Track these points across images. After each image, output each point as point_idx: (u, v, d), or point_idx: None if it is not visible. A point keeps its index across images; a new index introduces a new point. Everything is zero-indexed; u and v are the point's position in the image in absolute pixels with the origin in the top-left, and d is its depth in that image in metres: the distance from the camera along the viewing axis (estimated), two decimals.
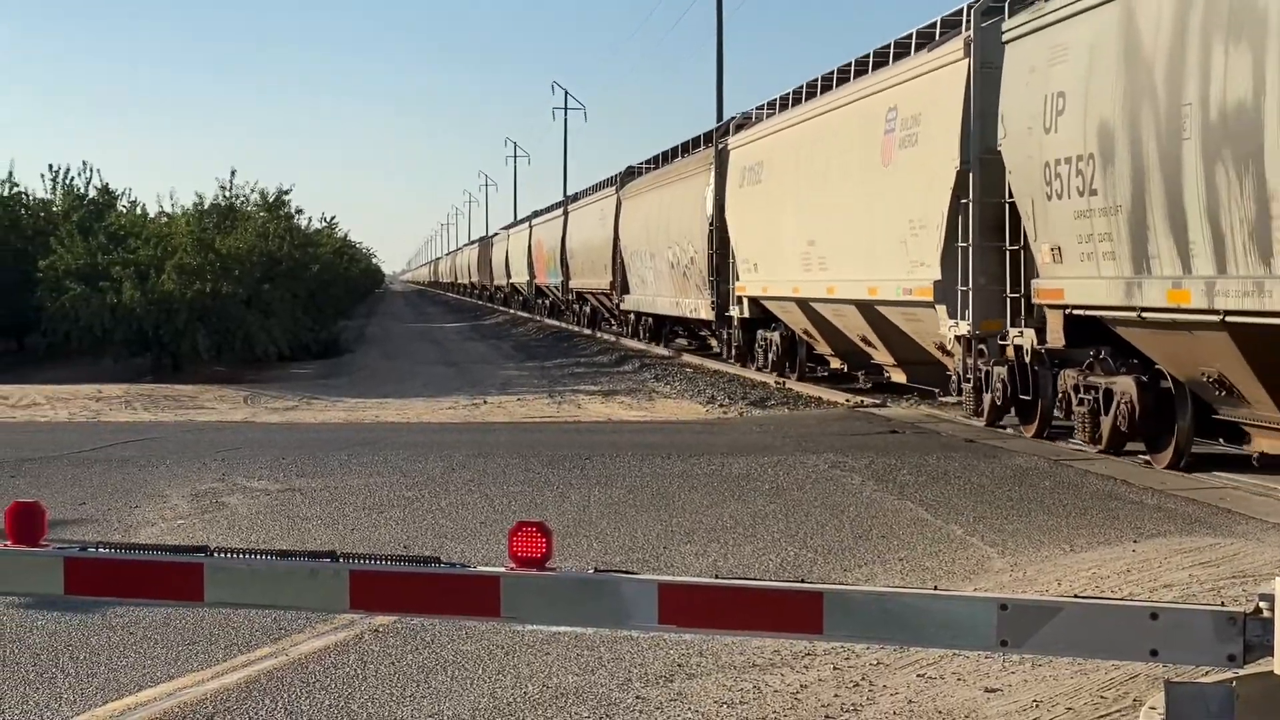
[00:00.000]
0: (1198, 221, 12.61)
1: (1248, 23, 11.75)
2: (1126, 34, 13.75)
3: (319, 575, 4.51)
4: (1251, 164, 11.71)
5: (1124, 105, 13.73)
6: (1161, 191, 13.15)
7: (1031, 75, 15.71)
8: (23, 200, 40.36)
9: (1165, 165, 13.07)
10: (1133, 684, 6.49)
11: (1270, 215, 11.53)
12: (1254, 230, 11.81)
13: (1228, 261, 12.30)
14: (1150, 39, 13.29)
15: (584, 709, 6.62)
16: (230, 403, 24.77)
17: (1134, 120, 13.56)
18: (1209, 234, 12.48)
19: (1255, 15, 11.61)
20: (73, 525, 11.42)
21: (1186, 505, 12.27)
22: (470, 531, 11.35)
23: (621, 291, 41.83)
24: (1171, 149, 12.92)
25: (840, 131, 22.31)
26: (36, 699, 6.85)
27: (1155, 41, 13.19)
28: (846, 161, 21.85)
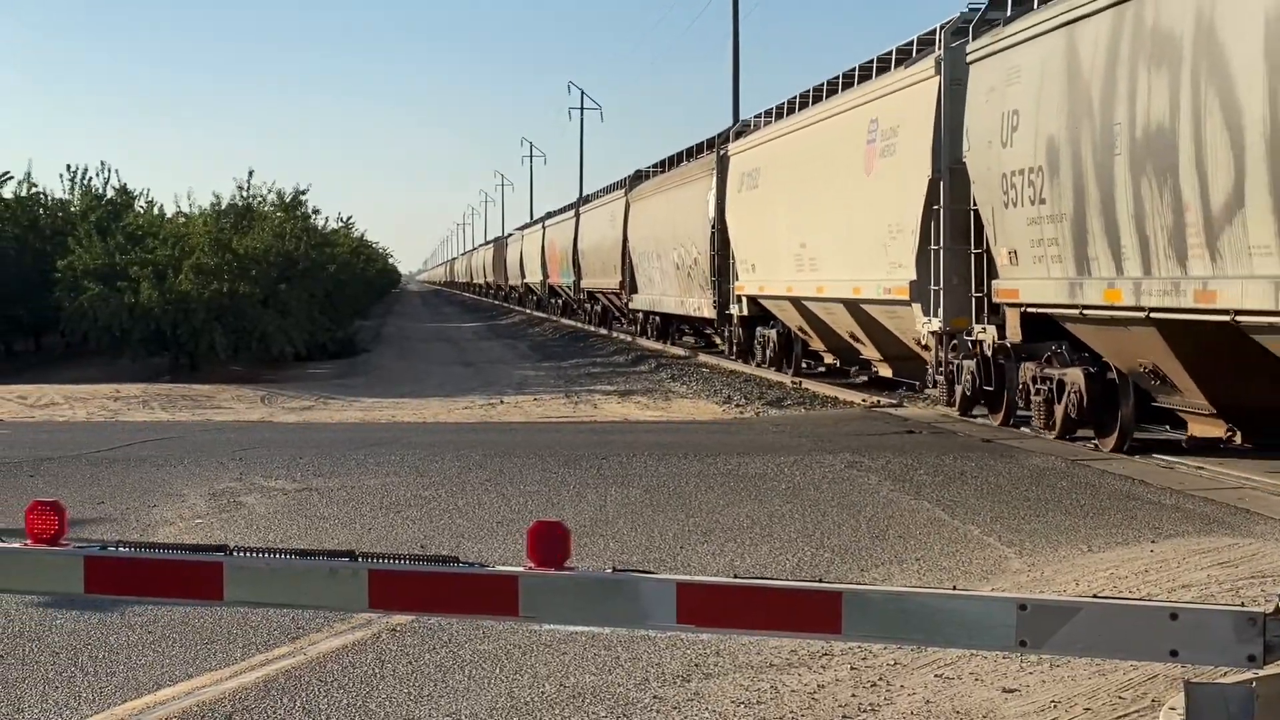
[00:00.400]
0: (1127, 228, 14.06)
1: (1166, 53, 13.17)
2: (1069, 59, 15.14)
3: (338, 575, 4.52)
4: (1169, 177, 13.15)
5: (1067, 123, 15.18)
6: (1098, 201, 14.58)
7: (991, 94, 17.20)
8: (41, 201, 40.49)
9: (1100, 178, 14.50)
10: (1151, 685, 6.48)
11: (1185, 223, 12.98)
12: (1172, 236, 13.25)
13: (1152, 264, 13.75)
14: (1088, 64, 14.68)
15: (601, 709, 6.62)
16: (247, 402, 24.82)
17: (1075, 137, 14.99)
18: (1136, 239, 13.94)
19: (1172, 46, 13.05)
20: (91, 524, 11.45)
21: (1204, 505, 12.24)
22: (487, 531, 11.36)
23: (630, 291, 43.38)
24: (1105, 163, 14.36)
25: (828, 141, 23.69)
26: (56, 698, 6.87)
27: (1092, 66, 14.59)
28: (834, 169, 23.22)
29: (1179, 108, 13.00)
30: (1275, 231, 11.75)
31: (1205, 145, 12.68)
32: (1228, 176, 12.38)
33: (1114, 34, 14.19)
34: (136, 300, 31.60)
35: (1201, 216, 12.80)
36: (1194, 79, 12.79)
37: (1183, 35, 12.95)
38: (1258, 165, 11.91)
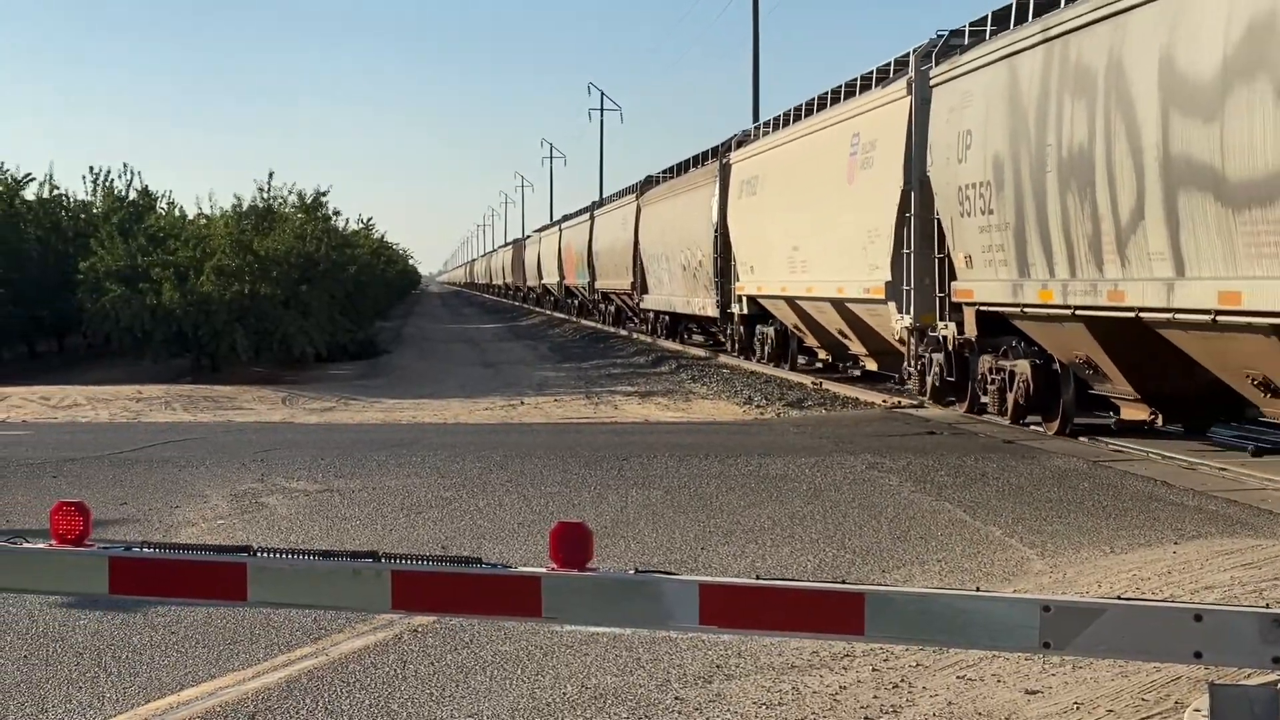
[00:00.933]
0: (1057, 236, 15.98)
1: (1085, 85, 15.16)
2: (1011, 87, 17.12)
3: (361, 575, 4.53)
4: (1089, 192, 15.11)
5: (1009, 143, 17.12)
6: (1034, 212, 16.51)
7: (950, 115, 19.12)
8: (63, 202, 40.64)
9: (1036, 192, 16.43)
10: (1174, 686, 6.46)
11: (1101, 232, 14.94)
12: (1091, 243, 15.19)
13: (1076, 267, 15.66)
14: (1026, 92, 16.65)
15: (623, 710, 6.62)
16: (269, 403, 24.87)
17: (1016, 155, 16.95)
18: (1064, 246, 15.84)
19: (1090, 80, 15.06)
20: (115, 525, 11.49)
21: (1227, 507, 12.20)
22: (508, 532, 11.37)
23: (641, 291, 45.11)
24: (1039, 179, 16.31)
25: (817, 152, 25.61)
26: (79, 698, 6.89)
27: (1029, 94, 16.57)
28: (822, 178, 25.09)
29: (1095, 132, 14.94)
30: (1168, 240, 13.64)
31: (1115, 165, 14.56)
32: (1132, 193, 14.23)
33: (1045, 66, 16.16)
34: (158, 301, 31.70)
35: (1113, 226, 14.68)
36: (1106, 108, 14.69)
37: (1098, 70, 14.86)
38: (1154, 184, 13.79)
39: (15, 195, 38.45)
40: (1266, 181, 12.05)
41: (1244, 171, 12.37)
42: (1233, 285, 12.76)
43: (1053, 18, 16.08)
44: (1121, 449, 16.10)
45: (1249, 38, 12.29)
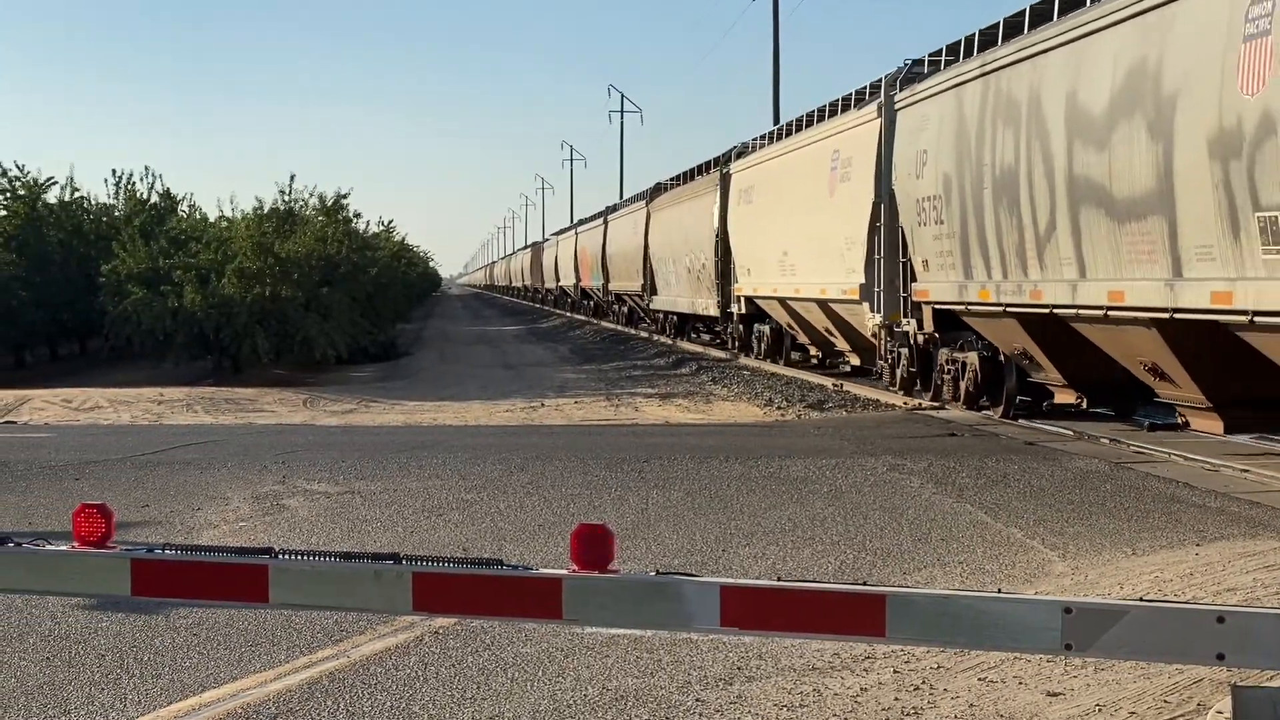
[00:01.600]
0: (992, 243, 18.36)
1: (1012, 114, 17.63)
2: (957, 113, 19.51)
3: (383, 577, 4.54)
4: (1015, 207, 17.51)
5: (956, 162, 19.48)
6: (975, 222, 18.88)
7: (910, 135, 21.59)
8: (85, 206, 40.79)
9: (976, 205, 18.81)
10: (1197, 688, 6.44)
11: (1025, 240, 17.38)
12: (1018, 250, 17.57)
13: (1007, 270, 18.03)
14: (969, 118, 19.06)
15: (644, 712, 6.62)
16: (290, 405, 24.93)
17: (961, 173, 19.31)
18: (998, 252, 18.24)
19: (1016, 110, 17.50)
20: (136, 527, 11.52)
21: (1250, 508, 12.16)
22: (529, 534, 11.38)
23: (650, 293, 47.59)
24: (978, 194, 18.70)
25: (804, 165, 28.16)
26: (102, 699, 6.91)
27: (971, 120, 18.97)
28: (808, 189, 27.62)
29: (1020, 155, 17.33)
30: (1073, 248, 16.05)
31: (1034, 184, 16.94)
32: (1046, 208, 16.65)
33: (983, 97, 18.54)
34: (180, 304, 31.81)
35: (1034, 235, 17.08)
36: (1028, 135, 17.08)
37: (1022, 102, 17.26)
38: (1063, 201, 16.18)
39: (38, 199, 38.61)
40: (1141, 200, 14.43)
41: (1125, 192, 14.73)
42: (1118, 285, 15.12)
43: (990, 54, 18.46)
44: (1143, 450, 16.06)
45: (1128, 82, 14.59)
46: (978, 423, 19.53)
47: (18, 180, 38.37)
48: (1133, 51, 14.51)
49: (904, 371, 23.27)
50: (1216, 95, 12.94)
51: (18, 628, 8.30)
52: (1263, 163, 12.22)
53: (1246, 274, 12.73)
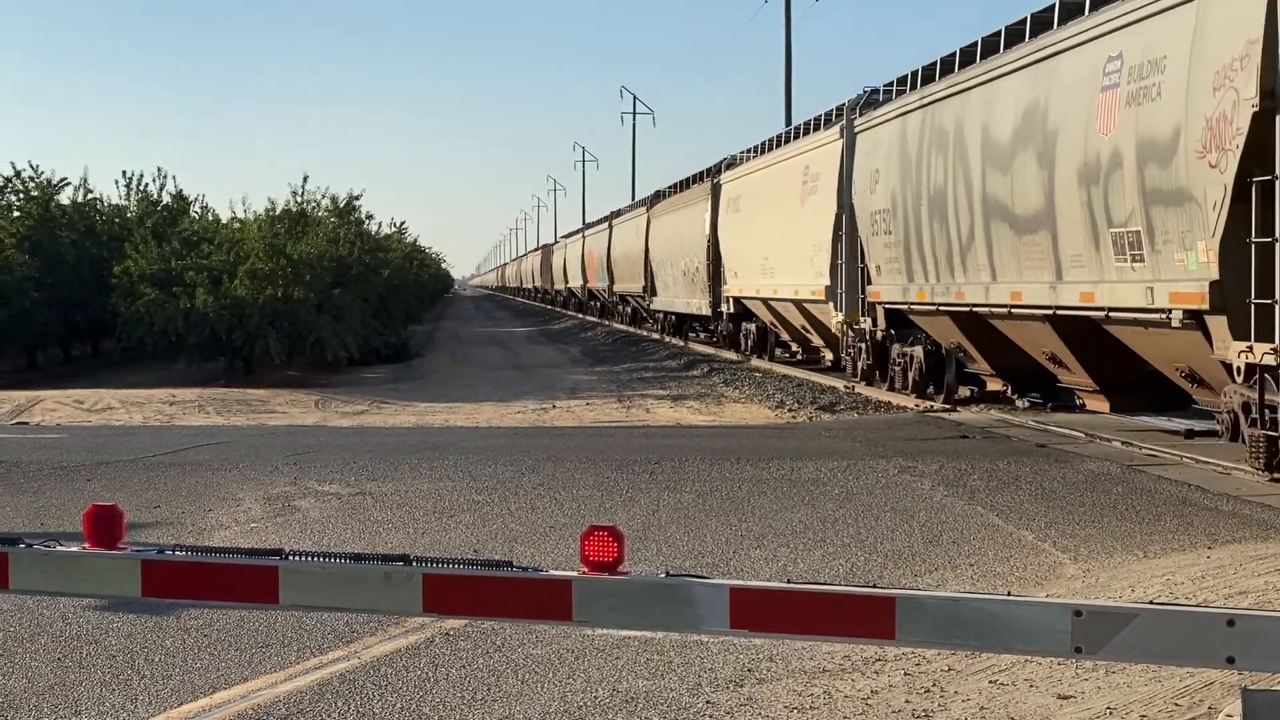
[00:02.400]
0: (929, 252, 21.40)
1: (942, 142, 20.76)
2: (902, 138, 22.66)
3: (393, 578, 4.54)
4: (945, 221, 20.69)
5: (901, 181, 22.65)
6: (915, 234, 22.01)
7: (866, 156, 24.80)
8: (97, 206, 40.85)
9: (915, 219, 21.99)
10: (1208, 691, 6.43)
11: (951, 249, 20.38)
12: (947, 258, 20.69)
13: (940, 275, 21.05)
14: (911, 143, 22.21)
15: (654, 713, 6.62)
16: (301, 406, 24.96)
17: (904, 191, 22.43)
18: (933, 259, 21.26)
19: (944, 139, 20.59)
20: (148, 528, 11.54)
21: (1262, 511, 12.13)
22: (540, 535, 11.38)
23: (651, 294, 50.39)
24: (917, 209, 21.86)
25: (781, 179, 31.46)
26: (113, 700, 6.93)
27: (913, 145, 22.11)
28: (784, 200, 30.84)
29: (947, 177, 20.48)
30: (987, 256, 19.17)
31: (958, 202, 20.09)
32: (967, 222, 19.80)
33: (922, 125, 21.71)
34: (192, 305, 31.85)
35: (958, 245, 20.18)
36: (953, 159, 20.23)
37: (950, 132, 20.40)
38: (979, 216, 19.32)
39: (50, 199, 38.66)
40: (1033, 217, 17.56)
41: (1023, 209, 17.90)
42: (1018, 287, 18.20)
43: (928, 89, 21.61)
44: (1155, 453, 16.03)
45: (1024, 119, 17.74)
46: (989, 425, 19.51)
47: (31, 181, 38.44)
48: (1028, 94, 17.72)
49: (864, 364, 26.12)
50: (1084, 133, 15.98)
51: (29, 628, 8.32)
52: (1114, 189, 15.31)
53: (1105, 278, 15.79)
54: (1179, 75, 13.97)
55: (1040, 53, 17.43)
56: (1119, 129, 15.15)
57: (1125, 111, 15.02)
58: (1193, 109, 13.66)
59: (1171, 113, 14.09)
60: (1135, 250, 15.02)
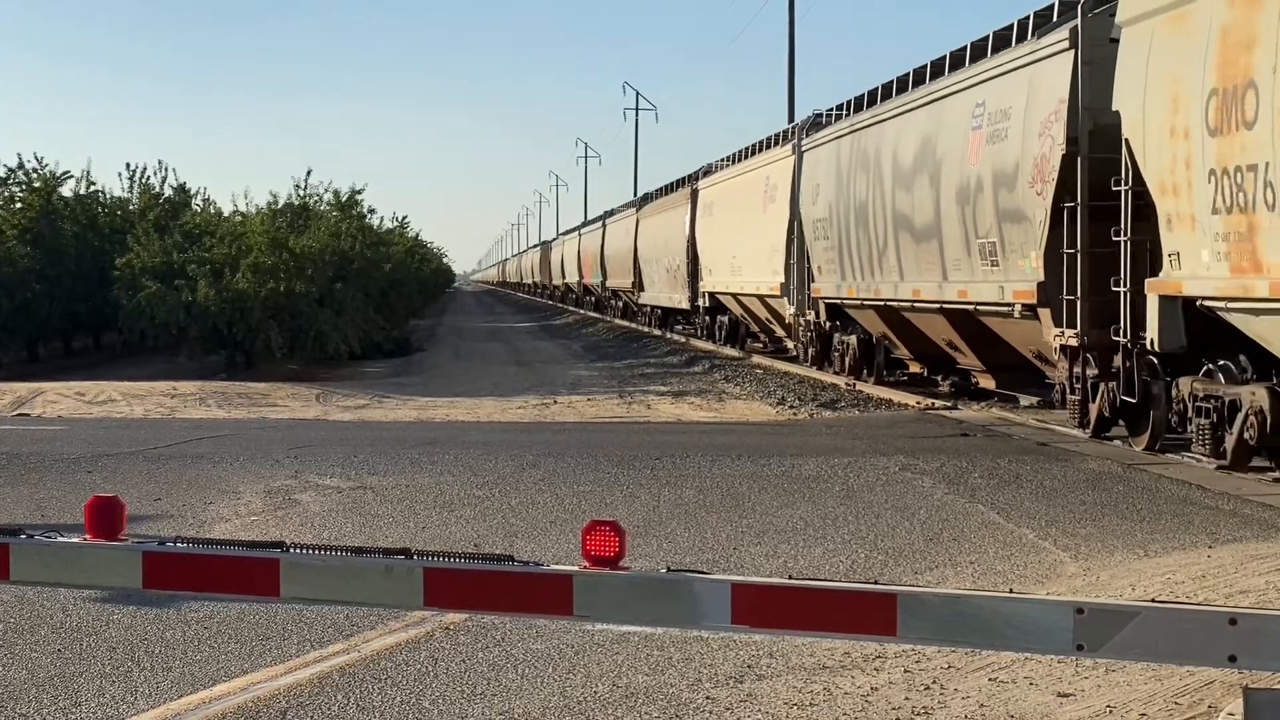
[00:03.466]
0: (856, 255, 25.25)
1: (865, 163, 24.75)
2: (837, 158, 26.58)
3: (394, 572, 4.54)
4: (867, 230, 24.50)
5: (835, 195, 26.51)
6: (845, 240, 25.84)
7: (811, 171, 28.84)
8: (99, 199, 40.83)
9: (845, 227, 25.80)
10: (1208, 690, 6.43)
11: (871, 253, 24.37)
12: (868, 260, 24.63)
13: (865, 274, 24.87)
14: (843, 163, 26.10)
15: (654, 709, 6.62)
16: (302, 400, 24.96)
17: (838, 203, 26.29)
18: (858, 261, 25.17)
19: (867, 160, 24.60)
20: (148, 521, 11.54)
21: (1263, 511, 12.12)
22: (541, 530, 11.39)
23: (639, 290, 54.04)
24: (847, 219, 25.65)
25: (747, 187, 35.38)
26: (112, 692, 6.93)
27: (844, 164, 26.02)
28: (749, 206, 34.74)
29: (868, 193, 24.38)
30: (896, 260, 23.05)
31: (875, 214, 23.97)
32: (881, 231, 23.71)
33: (851, 148, 25.64)
34: (194, 298, 31.83)
35: (877, 250, 24.04)
36: (873, 179, 24.16)
37: (870, 155, 24.40)
38: (890, 227, 23.21)
39: (53, 192, 38.65)
40: (927, 228, 21.45)
41: (919, 222, 21.80)
42: (917, 285, 22.04)
43: (856, 117, 25.75)
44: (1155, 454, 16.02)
45: (922, 148, 21.67)
46: (990, 423, 19.51)
47: (34, 173, 38.43)
48: (925, 128, 21.66)
49: (813, 351, 30.19)
50: (960, 163, 19.98)
51: (29, 619, 8.33)
52: (979, 208, 19.27)
53: (974, 279, 19.68)
54: (1019, 122, 17.98)
55: (933, 95, 21.42)
56: (981, 161, 19.14)
57: (986, 148, 19.03)
58: (1026, 149, 17.66)
59: (1014, 151, 18.05)
60: (993, 257, 18.94)
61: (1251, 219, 12.33)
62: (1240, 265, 12.63)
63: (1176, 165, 13.66)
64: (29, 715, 6.58)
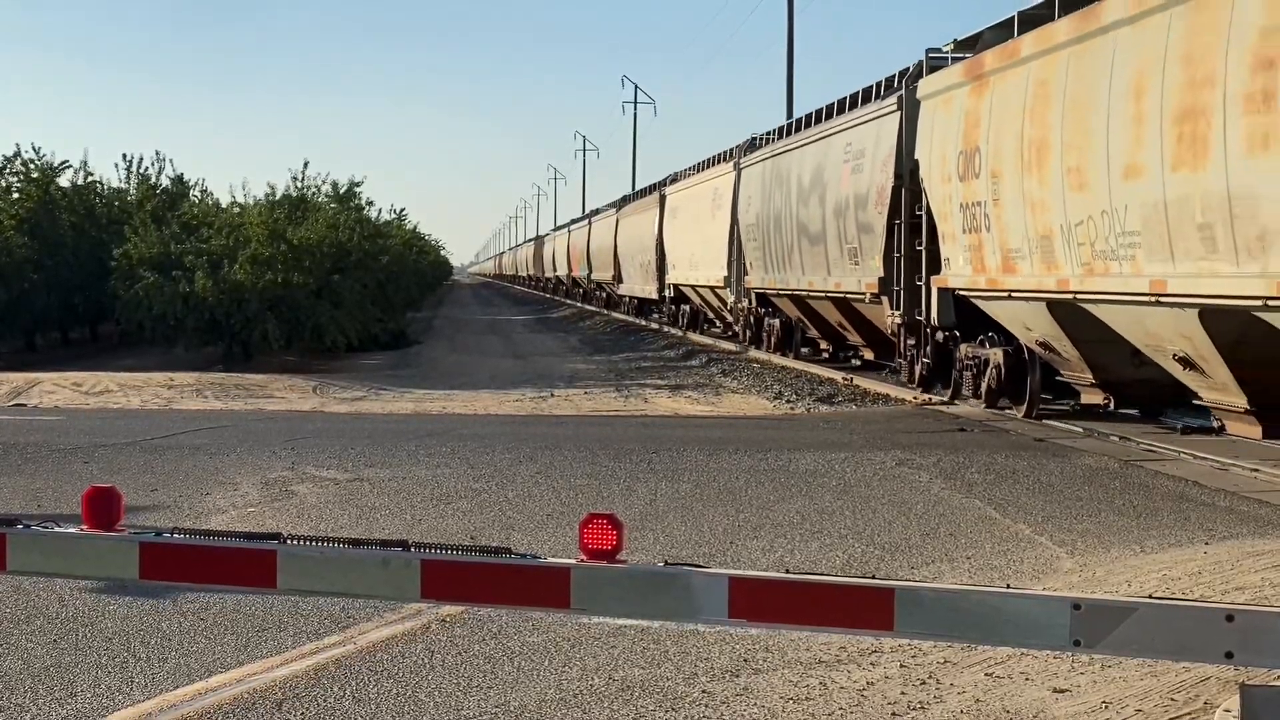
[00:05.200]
0: (775, 253, 30.89)
1: (782, 181, 30.46)
2: (763, 176, 32.65)
3: (391, 564, 4.54)
4: (781, 233, 30.33)
5: (761, 206, 32.62)
6: (767, 243, 31.88)
7: (746, 186, 34.90)
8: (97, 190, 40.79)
9: (767, 233, 31.79)
10: (1203, 687, 6.43)
11: (786, 253, 29.89)
12: (783, 257, 30.14)
13: (780, 269, 30.56)
14: (767, 181, 32.12)
15: (650, 702, 6.62)
16: (299, 392, 24.95)
17: (763, 213, 32.33)
18: (775, 260, 31.04)
19: (784, 179, 30.25)
20: (145, 511, 11.54)
21: (1259, 508, 12.13)
22: (537, 523, 11.38)
23: (619, 282, 60.20)
24: (769, 225, 31.52)
25: (699, 197, 41.71)
26: (108, 682, 6.92)
27: (768, 182, 32.01)
28: (701, 213, 41.11)
29: (783, 205, 30.37)
30: (799, 259, 28.74)
31: (787, 222, 29.93)
32: (790, 237, 29.50)
33: (773, 169, 31.78)
34: (191, 289, 31.81)
35: (788, 250, 29.83)
36: (785, 194, 30.01)
37: (784, 175, 30.40)
38: (796, 234, 28.96)
39: (50, 182, 38.62)
40: (817, 235, 27.35)
41: (812, 230, 27.70)
42: (813, 278, 28.06)
43: (777, 144, 32.05)
44: (1152, 449, 16.04)
45: (815, 172, 27.80)
46: (988, 419, 19.51)
47: (31, 164, 38.39)
48: (817, 158, 27.90)
49: (749, 334, 35.87)
50: (837, 187, 26.19)
51: (25, 610, 8.32)
52: (847, 222, 25.37)
53: (845, 274, 25.72)
54: (870, 160, 24.36)
55: (823, 134, 27.81)
56: (849, 187, 25.51)
57: (851, 177, 25.38)
58: (873, 180, 24.09)
59: (867, 181, 24.47)
60: (855, 258, 25.08)
61: (981, 237, 18.79)
62: (976, 267, 19.16)
63: (945, 200, 20.24)
64: (25, 706, 6.58)
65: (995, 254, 18.23)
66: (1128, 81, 14.46)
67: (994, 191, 18.04)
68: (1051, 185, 16.41)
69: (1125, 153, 14.56)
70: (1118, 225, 14.89)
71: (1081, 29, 15.72)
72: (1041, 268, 17.00)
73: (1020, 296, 17.88)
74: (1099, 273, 15.51)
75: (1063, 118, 16.09)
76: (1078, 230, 15.82)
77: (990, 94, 18.30)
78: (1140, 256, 14.50)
